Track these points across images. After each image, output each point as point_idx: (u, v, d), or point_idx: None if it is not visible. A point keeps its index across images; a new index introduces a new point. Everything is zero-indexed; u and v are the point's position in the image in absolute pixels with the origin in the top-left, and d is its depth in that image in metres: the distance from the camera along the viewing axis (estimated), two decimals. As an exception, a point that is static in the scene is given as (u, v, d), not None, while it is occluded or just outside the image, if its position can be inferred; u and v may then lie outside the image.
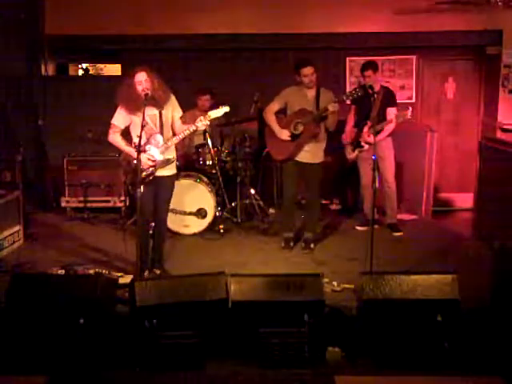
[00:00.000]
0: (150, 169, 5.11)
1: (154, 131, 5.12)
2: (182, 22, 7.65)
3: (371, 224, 5.23)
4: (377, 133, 5.93)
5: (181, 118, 5.32)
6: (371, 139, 6.34)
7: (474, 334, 4.27)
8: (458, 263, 5.47)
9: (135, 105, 5.07)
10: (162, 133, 5.15)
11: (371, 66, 6.47)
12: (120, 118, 5.18)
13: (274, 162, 6.96)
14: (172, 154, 5.27)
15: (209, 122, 5.21)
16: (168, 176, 5.31)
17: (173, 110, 5.28)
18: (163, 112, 5.15)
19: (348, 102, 6.03)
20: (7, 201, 6.20)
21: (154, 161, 5.10)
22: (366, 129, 6.49)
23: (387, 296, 4.24)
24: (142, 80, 5.03)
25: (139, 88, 5.03)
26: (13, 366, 4.05)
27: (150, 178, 5.12)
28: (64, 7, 7.63)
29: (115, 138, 5.21)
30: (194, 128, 5.16)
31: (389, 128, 6.41)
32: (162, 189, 5.30)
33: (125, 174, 5.41)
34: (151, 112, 5.09)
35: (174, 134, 5.25)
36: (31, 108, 7.84)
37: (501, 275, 4.49)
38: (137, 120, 5.10)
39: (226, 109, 5.28)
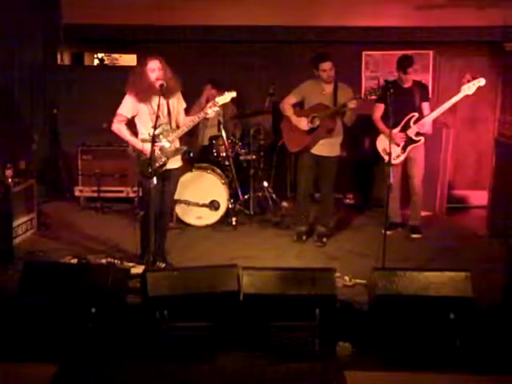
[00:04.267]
0: (163, 159, 5.07)
1: (161, 121, 5.04)
2: (198, 13, 7.61)
3: (384, 222, 5.20)
4: None
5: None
6: (425, 129, 6.22)
7: (486, 332, 4.24)
8: (472, 260, 5.44)
9: (146, 93, 5.06)
10: (169, 122, 5.12)
11: (413, 61, 6.22)
12: (127, 108, 5.13)
13: (289, 154, 6.95)
14: (178, 144, 5.25)
15: (218, 108, 5.15)
16: (176, 169, 5.32)
17: (178, 101, 5.26)
18: (170, 102, 5.10)
19: (373, 97, 5.76)
20: (21, 189, 6.24)
21: (161, 150, 5.05)
22: (412, 123, 6.22)
23: (399, 292, 4.23)
24: (156, 68, 5.01)
25: (152, 76, 5.01)
26: (24, 354, 4.08)
27: (162, 169, 5.07)
28: (80, -3, 7.65)
29: (120, 127, 5.15)
30: (204, 115, 5.10)
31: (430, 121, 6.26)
32: (169, 182, 5.28)
33: (136, 165, 5.35)
34: (160, 101, 5.02)
35: (178, 126, 5.22)
36: (46, 97, 7.86)
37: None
38: (144, 109, 5.10)
39: (233, 94, 5.15)
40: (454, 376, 3.96)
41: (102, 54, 9.44)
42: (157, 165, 5.02)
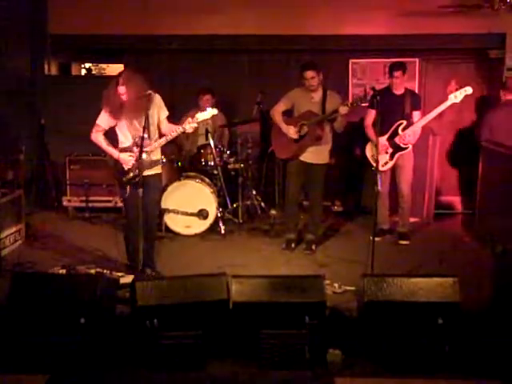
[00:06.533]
0: (137, 170, 5.03)
1: (140, 132, 5.02)
2: (185, 22, 7.63)
3: (373, 229, 5.22)
4: None
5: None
6: (411, 139, 6.26)
7: (474, 337, 4.26)
8: (459, 266, 5.47)
9: (118, 112, 5.12)
10: (148, 134, 5.09)
11: (402, 66, 6.30)
12: (104, 120, 5.21)
13: (278, 162, 6.96)
14: (158, 156, 5.27)
15: (196, 125, 5.16)
16: (153, 175, 5.26)
17: (158, 111, 5.25)
18: (149, 113, 5.08)
19: (364, 104, 5.81)
20: (9, 200, 6.20)
21: (136, 160, 5.06)
22: (400, 130, 6.26)
23: (388, 298, 4.23)
24: (121, 93, 5.05)
25: (123, 98, 5.06)
26: (13, 365, 4.05)
27: (137, 179, 5.00)
28: (67, 6, 7.63)
29: (98, 137, 5.24)
30: (182, 130, 5.12)
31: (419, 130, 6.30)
32: (149, 189, 5.16)
33: (112, 174, 5.39)
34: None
35: (161, 135, 5.23)
36: (34, 107, 7.85)
37: (502, 278, 4.49)
38: (122, 122, 5.17)
39: (214, 111, 5.17)
40: (443, 381, 3.98)
41: (90, 64, 9.46)
42: (131, 174, 5.09)
